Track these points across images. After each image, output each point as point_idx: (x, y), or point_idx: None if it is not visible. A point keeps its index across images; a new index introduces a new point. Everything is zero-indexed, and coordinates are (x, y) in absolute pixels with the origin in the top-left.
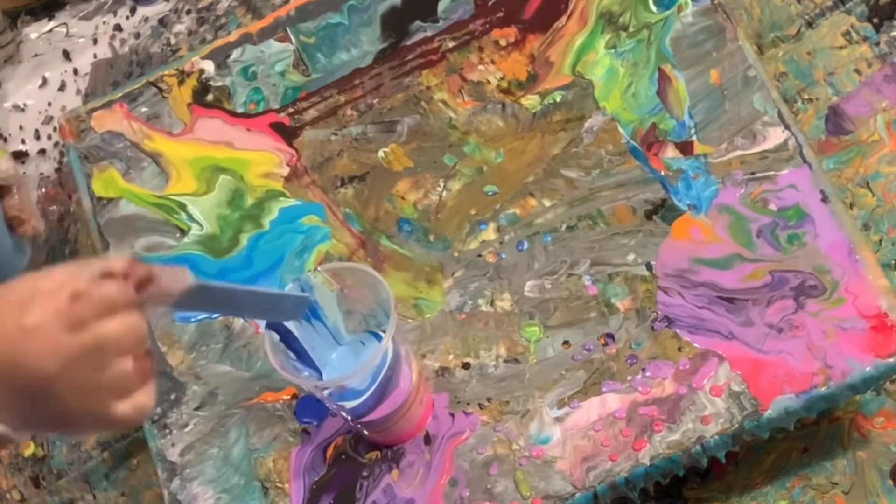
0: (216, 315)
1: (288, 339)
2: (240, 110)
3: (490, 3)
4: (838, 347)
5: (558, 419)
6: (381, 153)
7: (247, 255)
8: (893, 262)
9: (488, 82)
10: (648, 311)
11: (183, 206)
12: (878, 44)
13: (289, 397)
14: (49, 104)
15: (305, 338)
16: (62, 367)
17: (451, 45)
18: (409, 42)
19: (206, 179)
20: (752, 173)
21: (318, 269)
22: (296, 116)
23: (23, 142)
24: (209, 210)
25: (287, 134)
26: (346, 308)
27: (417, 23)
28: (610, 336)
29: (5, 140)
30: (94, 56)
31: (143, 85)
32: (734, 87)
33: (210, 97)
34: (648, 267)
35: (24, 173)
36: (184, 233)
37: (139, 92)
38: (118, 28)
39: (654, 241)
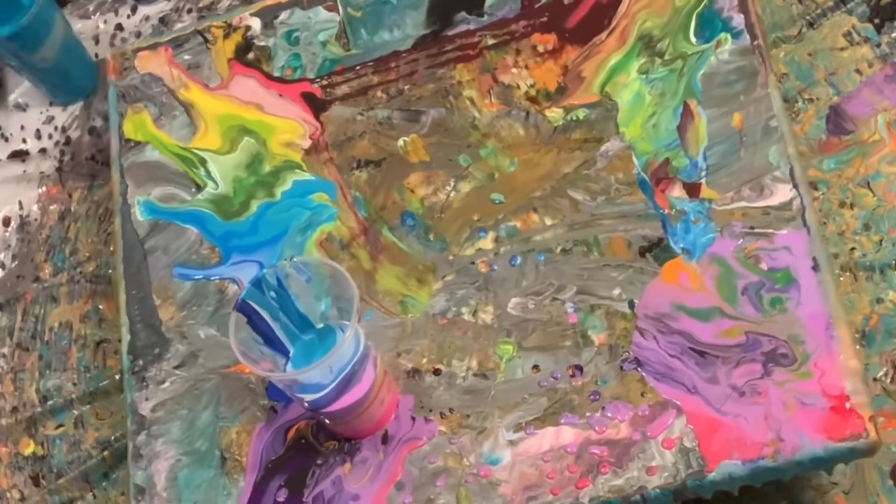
0: (213, 277)
1: (256, 322)
2: (276, 74)
3: (536, 6)
4: (795, 422)
5: (512, 442)
6: (401, 141)
7: (254, 221)
8: (893, 262)
9: (518, 87)
10: (621, 350)
11: (203, 162)
12: (879, 45)
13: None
14: (50, 104)
15: (276, 324)
16: None
17: (490, 42)
18: (451, 33)
19: (230, 139)
20: (752, 228)
21: (295, 259)
22: (328, 90)
23: (24, 141)
24: (227, 170)
25: (316, 106)
26: (329, 296)
27: (463, 14)
28: (579, 368)
29: (6, 139)
30: (96, 55)
31: (191, 33)
32: (753, 135)
33: (251, 56)
34: (631, 305)
35: (25, 172)
36: (199, 188)
37: (185, 39)
38: (119, 27)
39: (643, 279)
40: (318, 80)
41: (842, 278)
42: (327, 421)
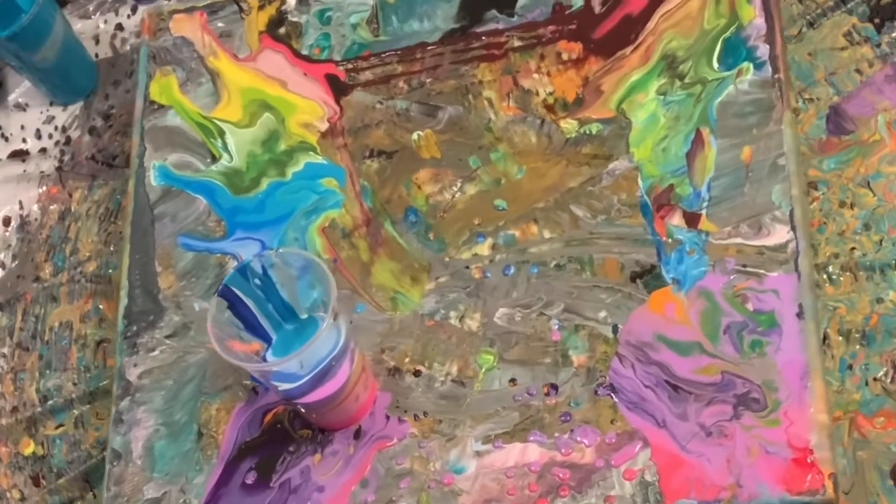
0: (215, 251)
1: (239, 309)
2: (304, 52)
3: (567, 12)
4: (755, 469)
5: (479, 453)
6: (415, 135)
7: (262, 199)
8: (893, 262)
9: (537, 93)
10: (598, 374)
11: (222, 133)
12: (879, 45)
13: (253, 353)
14: (50, 103)
15: (259, 312)
16: None
17: (516, 44)
18: (480, 30)
19: (251, 113)
20: (744, 266)
21: (281, 249)
22: (352, 74)
23: (24, 141)
24: (243, 144)
25: (338, 89)
26: (317, 288)
27: (494, 12)
28: (554, 387)
29: (6, 139)
30: (96, 55)
31: (228, 0)
32: (760, 171)
33: (282, 30)
34: (614, 329)
35: (25, 171)
36: (214, 159)
37: (221, 6)
38: (119, 27)
39: (630, 305)
40: (343, 62)
41: (842, 278)
42: (302, 410)
